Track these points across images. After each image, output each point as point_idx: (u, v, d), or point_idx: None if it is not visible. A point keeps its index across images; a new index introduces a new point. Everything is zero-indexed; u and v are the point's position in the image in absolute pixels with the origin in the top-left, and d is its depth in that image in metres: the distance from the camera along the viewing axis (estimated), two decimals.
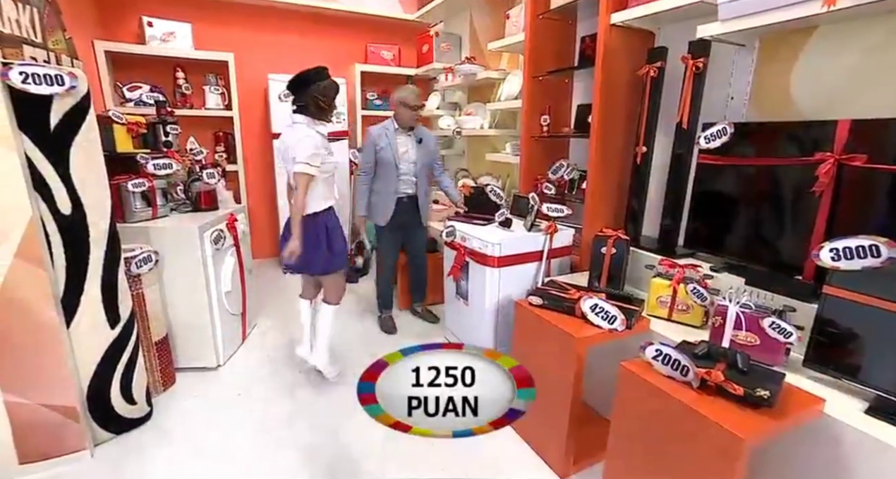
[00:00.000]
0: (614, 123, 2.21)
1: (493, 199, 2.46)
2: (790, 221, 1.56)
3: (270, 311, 3.17)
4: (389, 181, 2.64)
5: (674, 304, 1.67)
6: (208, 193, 2.43)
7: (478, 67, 3.21)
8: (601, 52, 2.08)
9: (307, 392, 2.18)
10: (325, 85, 2.00)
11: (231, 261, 2.36)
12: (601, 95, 2.13)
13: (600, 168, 2.23)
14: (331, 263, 2.09)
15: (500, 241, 2.12)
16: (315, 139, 1.93)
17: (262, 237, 4.19)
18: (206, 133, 3.72)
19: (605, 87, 2.12)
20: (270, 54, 3.84)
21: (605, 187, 2.28)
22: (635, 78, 2.15)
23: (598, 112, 2.15)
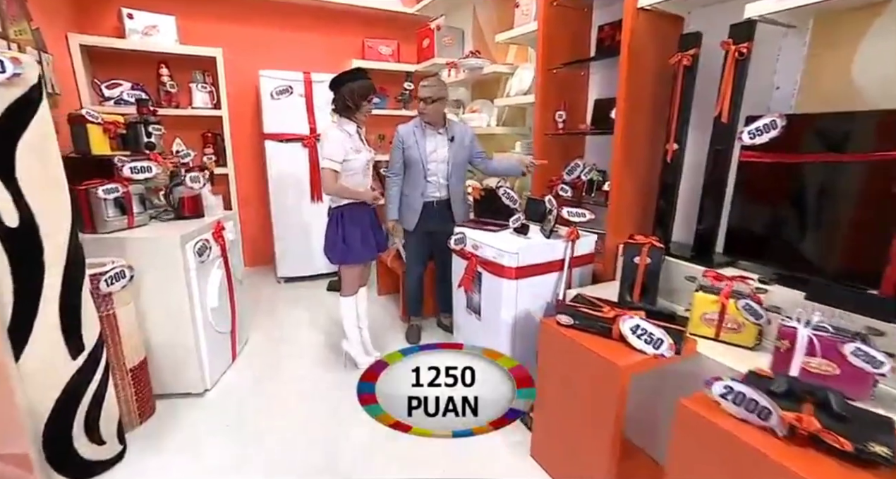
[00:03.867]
0: (640, 118, 2.01)
1: (505, 202, 2.25)
2: (860, 226, 1.36)
3: (264, 324, 2.94)
4: (416, 183, 2.45)
5: (722, 322, 1.46)
6: (192, 199, 2.20)
7: (484, 61, 3.00)
8: (627, 39, 1.88)
9: (304, 414, 1.95)
10: (355, 86, 2.06)
11: (218, 274, 2.13)
12: (627, 86, 1.92)
13: (625, 168, 2.03)
14: (345, 254, 2.16)
15: (517, 250, 1.90)
16: (338, 137, 2.05)
17: (254, 244, 3.96)
18: (193, 134, 3.49)
19: (630, 78, 1.91)
20: (261, 50, 3.61)
21: (631, 189, 2.07)
22: (664, 68, 1.94)
23: (624, 106, 1.94)
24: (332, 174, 2.05)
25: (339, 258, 2.17)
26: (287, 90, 3.34)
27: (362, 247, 2.16)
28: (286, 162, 3.49)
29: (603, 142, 2.53)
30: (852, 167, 1.35)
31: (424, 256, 2.65)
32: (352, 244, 2.14)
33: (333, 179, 2.06)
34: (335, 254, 2.16)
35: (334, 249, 2.15)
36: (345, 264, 2.21)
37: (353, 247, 2.14)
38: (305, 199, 3.57)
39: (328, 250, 2.19)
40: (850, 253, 1.40)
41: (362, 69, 2.12)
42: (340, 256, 2.16)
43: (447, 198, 2.52)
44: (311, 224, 3.56)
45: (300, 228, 3.58)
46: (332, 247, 2.16)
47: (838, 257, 1.42)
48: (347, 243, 2.13)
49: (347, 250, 2.14)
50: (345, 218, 2.15)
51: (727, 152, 1.72)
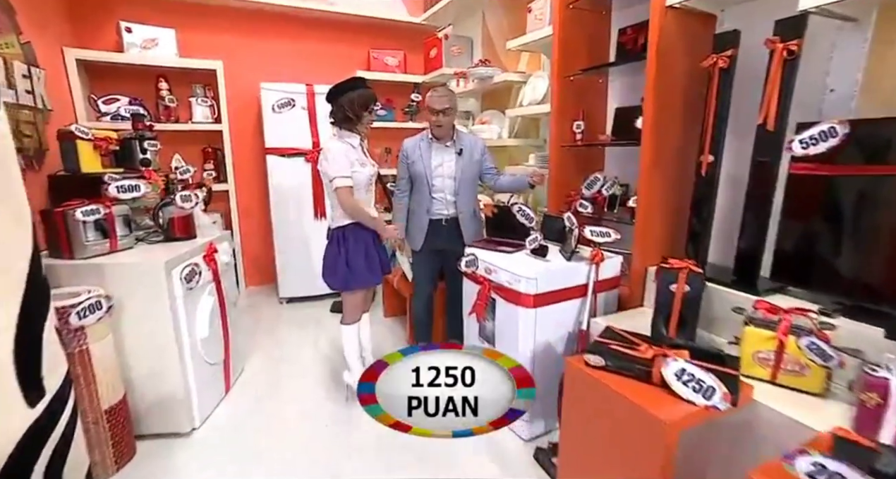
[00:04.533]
0: (670, 127, 1.82)
1: (520, 220, 2.06)
2: None
3: (262, 349, 2.76)
4: (422, 200, 2.28)
5: (780, 362, 1.25)
6: (183, 219, 2.05)
7: (495, 70, 2.84)
8: (655, 40, 1.70)
9: (302, 453, 1.76)
10: (355, 96, 1.92)
11: (209, 301, 1.97)
12: (654, 93, 1.74)
13: (654, 182, 1.83)
14: (348, 280, 1.98)
15: (535, 275, 1.71)
16: (341, 149, 1.90)
17: (256, 263, 3.81)
18: (193, 149, 3.38)
19: (659, 83, 1.73)
20: (263, 62, 3.51)
21: (659, 205, 1.87)
22: (695, 71, 1.76)
23: (652, 114, 1.76)
24: (348, 192, 1.89)
25: (342, 284, 1.98)
26: (289, 103, 3.22)
27: (367, 270, 1.98)
28: (288, 177, 3.35)
29: (624, 153, 2.34)
30: None
31: (433, 276, 2.46)
32: (355, 268, 1.96)
33: (351, 195, 1.90)
34: (336, 280, 1.98)
35: (335, 274, 1.97)
36: (348, 290, 2.02)
37: (357, 271, 1.96)
38: (308, 216, 3.42)
39: (328, 276, 2.00)
40: None
41: (361, 78, 1.97)
42: (343, 282, 1.97)
43: (455, 216, 2.34)
44: (314, 242, 3.40)
45: (302, 246, 3.43)
46: (332, 272, 1.98)
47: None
48: (351, 267, 1.95)
49: (351, 274, 1.96)
50: (347, 239, 1.97)
51: (773, 164, 1.52)
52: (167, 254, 1.78)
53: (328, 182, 1.92)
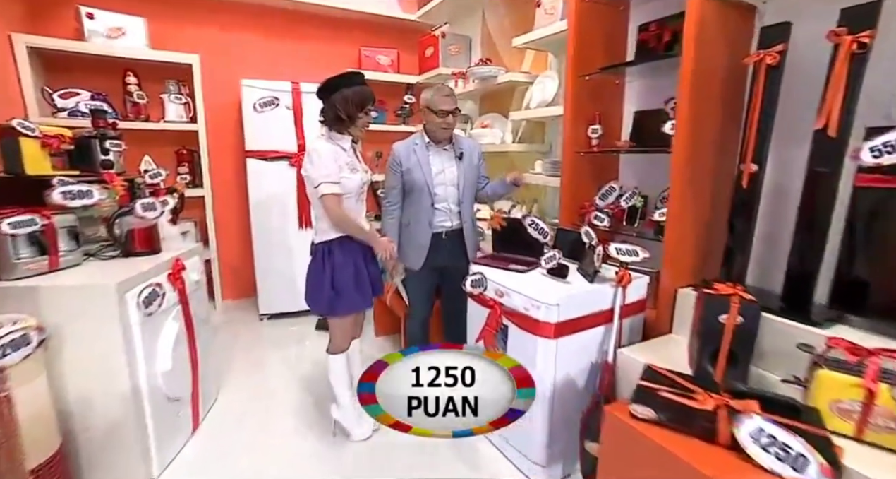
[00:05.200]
0: (705, 133, 1.62)
1: (533, 235, 1.83)
2: None
3: (239, 374, 2.46)
4: (421, 212, 2.01)
5: (868, 416, 1.03)
6: (144, 230, 1.77)
7: (498, 69, 2.63)
8: (691, 33, 1.49)
9: None
10: (350, 93, 1.67)
11: (173, 327, 1.68)
12: (690, 94, 1.53)
13: (686, 193, 1.62)
14: (335, 304, 1.72)
15: (557, 300, 1.47)
16: (329, 150, 1.66)
17: (234, 275, 3.51)
18: (165, 151, 3.08)
19: (696, 83, 1.53)
20: (244, 57, 3.23)
21: (692, 219, 1.67)
22: (735, 70, 1.57)
23: (686, 118, 1.55)
24: (336, 200, 1.64)
25: (327, 309, 1.72)
26: (272, 102, 2.95)
27: (356, 292, 1.72)
28: (271, 183, 3.07)
29: (641, 161, 2.15)
30: None
31: (431, 295, 2.21)
32: (343, 289, 1.70)
33: (339, 204, 1.66)
34: (320, 303, 1.71)
35: (319, 296, 1.70)
36: (334, 316, 1.76)
37: (345, 293, 1.70)
38: (292, 225, 3.14)
39: (312, 299, 1.74)
40: None
41: (358, 73, 1.73)
42: (328, 306, 1.71)
43: (459, 227, 2.10)
44: (298, 254, 3.12)
45: (285, 257, 3.14)
46: (316, 294, 1.72)
47: None
48: (337, 289, 1.69)
49: (337, 297, 1.69)
50: (334, 255, 1.71)
51: (833, 175, 1.32)
52: (122, 273, 1.50)
53: (313, 188, 1.67)
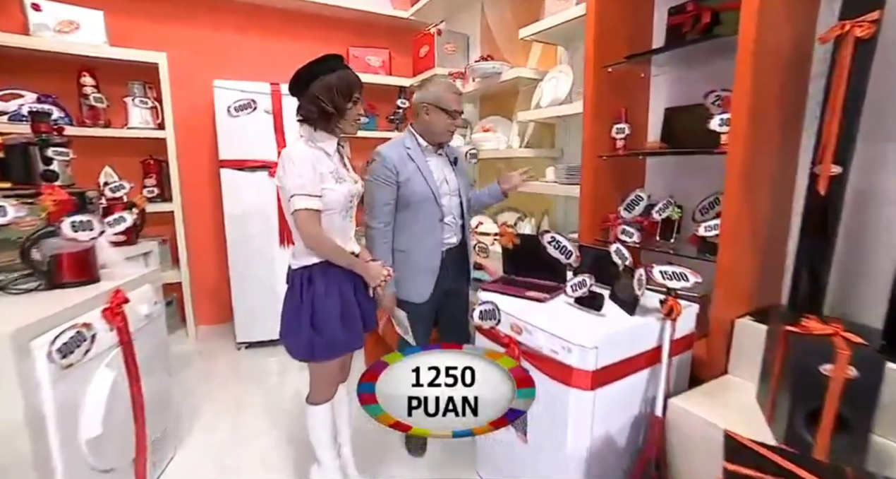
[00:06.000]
0: (766, 128, 1.32)
1: (553, 255, 1.52)
2: None
3: (207, 417, 2.11)
4: (429, 230, 1.68)
5: None
6: (74, 256, 1.43)
7: (503, 65, 2.34)
8: (753, 5, 1.20)
9: None
10: (334, 80, 1.35)
11: (107, 377, 1.33)
12: (752, 80, 1.24)
13: (745, 202, 1.32)
14: (314, 346, 1.37)
15: (595, 341, 1.15)
16: (308, 156, 1.33)
17: (209, 298, 3.16)
18: (129, 161, 2.75)
19: (757, 66, 1.23)
20: (218, 56, 2.92)
21: (751, 234, 1.37)
22: (798, 52, 1.29)
23: (746, 109, 1.26)
24: (312, 217, 1.32)
25: (306, 352, 1.37)
26: (249, 105, 2.64)
27: (343, 329, 1.38)
28: (248, 195, 2.74)
29: (672, 166, 1.86)
30: None
31: (429, 326, 1.88)
32: (326, 328, 1.36)
33: (316, 223, 1.33)
34: (298, 345, 1.37)
35: (298, 337, 1.36)
36: (314, 360, 1.42)
37: (328, 332, 1.36)
38: (272, 242, 2.81)
39: (288, 338, 1.40)
40: None
41: (336, 55, 1.40)
42: (307, 349, 1.36)
43: (464, 242, 1.80)
44: (280, 275, 2.73)
45: (265, 279, 2.80)
46: (293, 333, 1.37)
47: None
48: (318, 328, 1.35)
49: (319, 337, 1.35)
50: (314, 284, 1.38)
51: None
52: (28, 314, 1.16)
53: (286, 201, 1.35)
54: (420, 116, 1.70)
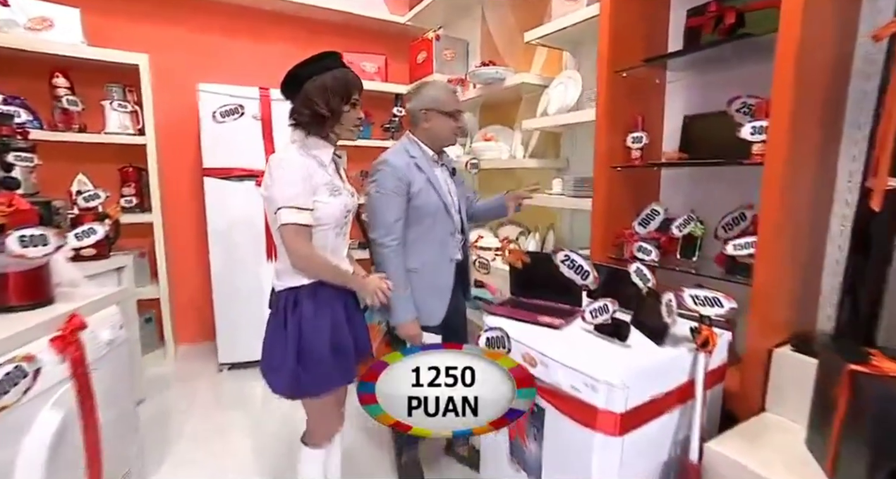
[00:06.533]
0: (807, 137, 1.19)
1: (567, 275, 1.37)
2: None
3: (180, 454, 1.90)
4: (441, 244, 1.55)
5: None
6: (23, 275, 1.25)
7: (506, 71, 2.21)
8: (800, 1, 1.08)
9: None
10: (329, 80, 1.20)
11: (52, 420, 1.14)
12: (794, 84, 1.11)
13: (784, 218, 1.18)
14: (300, 381, 1.18)
15: (623, 379, 0.99)
16: (299, 165, 1.18)
17: (190, 315, 2.96)
18: (106, 168, 2.57)
19: (799, 69, 1.10)
20: (203, 59, 2.77)
21: (790, 255, 1.23)
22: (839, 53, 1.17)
23: (787, 116, 1.12)
24: (301, 234, 1.17)
25: (290, 388, 1.18)
26: (236, 111, 2.48)
27: (334, 361, 1.19)
28: (234, 206, 2.57)
29: (690, 178, 1.73)
30: None
31: None
32: (313, 360, 1.17)
33: (306, 239, 1.18)
34: (280, 379, 1.18)
35: (280, 370, 1.17)
36: (301, 397, 1.24)
37: (316, 365, 1.17)
38: (259, 256, 2.63)
39: (271, 371, 1.21)
40: None
41: (333, 52, 1.25)
42: (291, 384, 1.17)
43: (465, 256, 1.68)
44: (267, 291, 2.59)
45: (250, 296, 2.61)
46: (276, 365, 1.19)
47: None
48: (305, 362, 1.17)
49: (305, 373, 1.17)
50: (301, 308, 1.20)
51: None
52: None
53: (272, 214, 1.19)
54: (419, 124, 1.56)
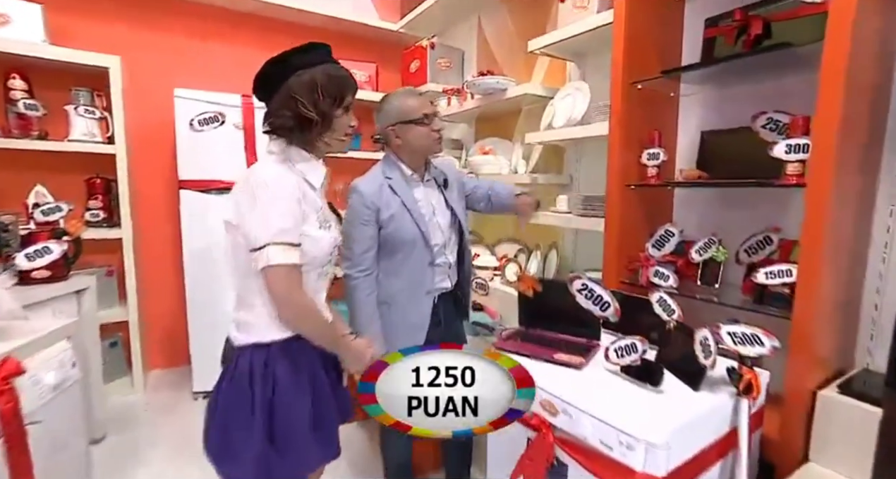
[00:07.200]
0: (852, 156, 1.09)
1: (584, 305, 1.23)
2: None
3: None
4: (416, 276, 1.40)
5: None
6: None
7: (508, 81, 2.09)
8: (852, 7, 0.97)
9: None
10: (319, 76, 1.01)
11: None
12: (843, 98, 1.00)
13: (828, 245, 1.07)
14: (270, 470, 0.94)
15: (667, 436, 0.85)
16: (286, 183, 0.97)
17: (162, 338, 2.74)
18: (71, 179, 2.36)
19: (849, 82, 1.00)
20: (180, 63, 2.59)
21: (834, 283, 1.11)
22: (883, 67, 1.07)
23: (834, 135, 1.01)
24: (292, 276, 0.95)
25: (255, 474, 0.94)
26: (216, 119, 2.31)
27: (314, 435, 0.99)
28: (212, 221, 2.37)
29: (707, 198, 1.62)
30: None
31: None
32: (292, 441, 0.96)
33: (299, 284, 0.97)
34: (242, 469, 0.94)
35: (241, 457, 0.94)
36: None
37: (297, 445, 0.96)
38: None
39: (227, 459, 0.96)
40: None
41: (322, 44, 1.05)
42: (258, 475, 0.94)
43: (460, 283, 1.54)
44: None
45: (228, 318, 2.39)
46: (235, 451, 0.95)
47: None
48: (280, 444, 0.96)
49: (280, 457, 0.95)
50: (276, 374, 0.98)
51: None
52: None
53: (248, 251, 0.95)
54: (392, 142, 1.43)
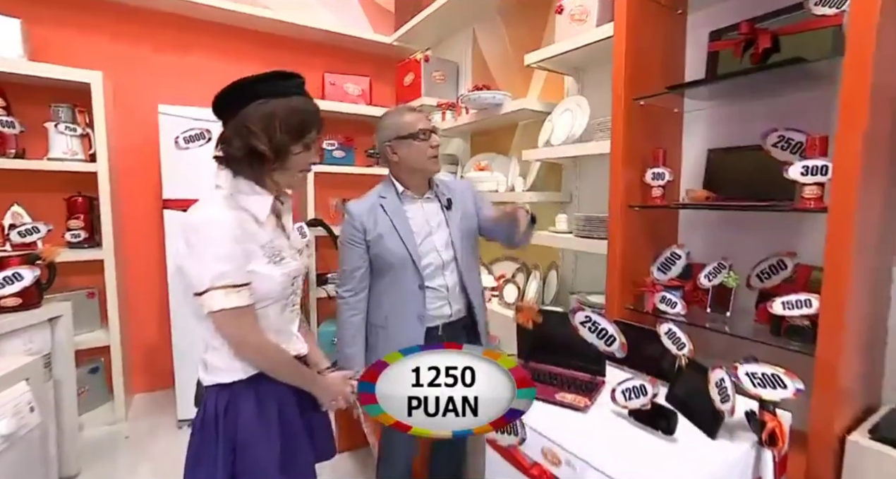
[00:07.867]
0: (875, 179, 1.01)
1: (589, 340, 1.14)
2: None
3: None
4: (405, 300, 1.33)
5: None
6: None
7: (504, 95, 2.02)
8: (869, 21, 0.90)
9: None
10: (278, 109, 0.92)
11: None
12: (870, 114, 0.92)
13: (855, 276, 0.98)
14: None
15: None
16: (224, 225, 0.90)
17: (145, 362, 2.63)
18: (50, 198, 2.26)
19: (874, 99, 0.92)
20: (165, 79, 2.50)
21: (860, 315, 1.02)
22: None
23: (858, 156, 0.93)
24: (242, 317, 0.90)
25: None
26: (202, 136, 2.23)
27: (282, 478, 0.92)
28: None
29: (711, 218, 1.53)
30: None
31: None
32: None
33: (251, 323, 0.92)
34: None
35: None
36: None
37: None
38: None
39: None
40: None
41: (292, 74, 0.96)
42: None
43: (466, 311, 1.44)
44: None
45: None
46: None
47: None
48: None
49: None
50: (238, 414, 0.92)
51: None
52: None
53: (193, 294, 0.91)
54: (390, 160, 1.37)
